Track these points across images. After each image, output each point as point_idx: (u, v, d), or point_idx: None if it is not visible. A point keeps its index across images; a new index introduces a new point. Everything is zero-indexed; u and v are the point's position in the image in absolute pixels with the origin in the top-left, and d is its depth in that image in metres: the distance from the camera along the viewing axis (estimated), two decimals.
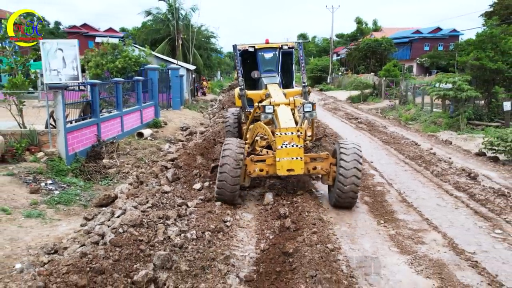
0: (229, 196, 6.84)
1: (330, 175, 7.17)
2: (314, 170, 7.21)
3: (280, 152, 6.81)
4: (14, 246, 5.93)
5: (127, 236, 5.07)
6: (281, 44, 10.33)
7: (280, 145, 6.83)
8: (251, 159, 7.08)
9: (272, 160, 6.98)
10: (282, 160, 6.81)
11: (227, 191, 6.75)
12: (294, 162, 6.80)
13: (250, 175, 7.10)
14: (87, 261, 4.27)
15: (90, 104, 11.86)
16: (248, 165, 7.03)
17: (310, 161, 7.19)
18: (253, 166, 7.05)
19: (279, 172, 6.85)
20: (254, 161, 7.09)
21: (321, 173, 7.27)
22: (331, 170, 7.16)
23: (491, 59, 16.67)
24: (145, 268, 4.51)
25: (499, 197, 7.81)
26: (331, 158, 7.22)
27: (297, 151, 6.83)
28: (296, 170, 6.82)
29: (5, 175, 8.30)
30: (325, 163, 7.22)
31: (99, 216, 6.28)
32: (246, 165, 6.98)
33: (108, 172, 10.32)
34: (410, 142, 13.46)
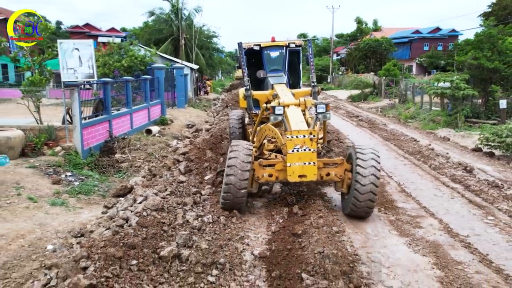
0: (236, 203, 6.37)
1: (345, 182, 6.60)
2: (327, 176, 6.63)
3: (291, 156, 6.26)
4: (43, 230, 6.44)
5: (151, 219, 5.57)
6: (288, 42, 9.87)
7: (291, 149, 6.27)
8: (260, 164, 6.59)
9: (282, 165, 6.47)
10: (294, 165, 6.25)
11: (233, 198, 6.26)
12: (307, 167, 6.24)
13: (258, 180, 6.57)
14: (119, 237, 4.78)
15: (102, 101, 12.36)
16: (256, 170, 6.53)
17: (323, 166, 6.65)
18: (261, 171, 6.55)
19: (290, 179, 6.29)
20: (263, 165, 6.60)
21: (335, 180, 6.68)
22: (345, 177, 6.59)
23: (489, 58, 17.19)
24: (169, 246, 5.01)
25: (492, 188, 8.31)
26: (346, 164, 6.65)
27: (310, 155, 6.28)
28: (309, 176, 6.27)
29: (28, 168, 8.81)
30: (339, 169, 6.64)
31: (123, 203, 6.79)
32: (254, 170, 6.48)
33: (121, 166, 10.82)
34: (409, 139, 13.97)
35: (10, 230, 6.21)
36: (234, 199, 6.26)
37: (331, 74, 51.92)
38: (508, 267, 5.02)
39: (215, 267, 4.75)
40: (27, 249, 5.79)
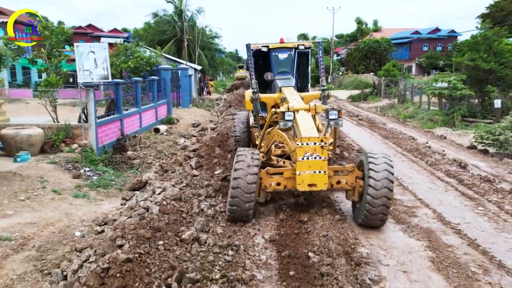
0: (243, 216, 6.12)
1: (356, 190, 6.34)
2: (338, 184, 6.34)
3: (300, 164, 5.94)
4: (69, 219, 7.02)
5: (171, 207, 6.17)
6: (297, 44, 9.56)
7: (301, 156, 5.94)
8: (267, 172, 6.27)
9: (291, 173, 6.19)
10: (303, 173, 5.93)
11: (240, 211, 6.02)
12: (317, 176, 5.93)
13: (265, 189, 6.28)
14: (146, 222, 5.37)
15: (113, 101, 12.95)
16: (264, 178, 6.23)
17: (333, 174, 6.40)
18: (269, 179, 6.25)
19: (299, 187, 5.99)
20: (270, 174, 6.30)
21: (346, 188, 6.40)
22: (357, 185, 6.32)
23: (485, 59, 17.79)
24: (189, 230, 5.59)
25: (484, 182, 8.89)
26: (357, 171, 6.39)
27: (320, 164, 5.94)
28: (319, 185, 5.97)
29: (49, 163, 9.40)
30: (350, 177, 6.37)
31: (142, 194, 7.38)
32: (261, 178, 6.19)
33: (133, 162, 11.40)
34: (407, 137, 14.55)
35: (40, 219, 6.80)
36: (241, 211, 6.02)
37: (331, 74, 52.49)
38: (493, 249, 5.59)
39: (230, 248, 5.33)
40: (58, 235, 6.37)
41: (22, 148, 9.62)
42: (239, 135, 9.73)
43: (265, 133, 8.00)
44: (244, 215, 6.09)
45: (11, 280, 5.14)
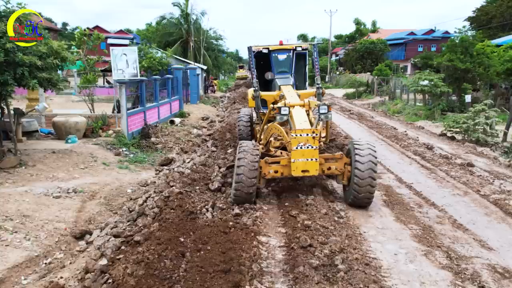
0: (246, 198, 6.83)
1: (345, 175, 7.15)
2: (328, 170, 7.19)
3: (295, 153, 6.75)
4: (120, 182, 9.30)
5: (200, 169, 8.47)
6: (295, 45, 10.30)
7: (295, 146, 6.77)
8: (266, 161, 7.04)
9: (287, 161, 6.97)
10: (297, 161, 6.75)
11: (244, 194, 6.74)
12: (309, 163, 6.77)
13: (265, 176, 7.06)
14: (185, 175, 7.64)
15: (138, 96, 15.21)
16: (263, 167, 6.99)
17: (324, 161, 7.20)
18: (267, 168, 7.03)
19: (294, 173, 6.81)
20: (269, 163, 7.08)
21: (336, 173, 7.25)
22: (345, 170, 7.12)
23: (461, 60, 20.03)
24: (213, 184, 7.85)
25: (442, 158, 11.16)
26: (345, 158, 7.20)
27: (312, 152, 6.77)
28: (311, 171, 6.79)
29: (93, 144, 11.67)
30: (339, 163, 7.19)
31: (175, 164, 9.66)
32: (260, 167, 6.94)
33: (157, 147, 13.65)
34: (389, 127, 16.82)
35: (99, 181, 9.07)
36: (244, 195, 6.73)
37: (329, 74, 54.74)
38: (431, 197, 7.82)
39: None
40: (115, 191, 8.65)
41: (70, 133, 11.87)
42: (242, 129, 10.82)
43: (265, 127, 8.84)
44: (247, 198, 6.81)
45: (92, 214, 7.42)
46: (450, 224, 6.48)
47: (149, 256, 4.73)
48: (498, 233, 6.14)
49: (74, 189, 8.18)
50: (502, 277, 4.81)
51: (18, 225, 6.41)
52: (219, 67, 46.07)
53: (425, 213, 6.96)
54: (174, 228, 5.63)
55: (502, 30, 33.67)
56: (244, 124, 10.84)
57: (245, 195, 6.74)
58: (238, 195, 6.76)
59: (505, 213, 6.97)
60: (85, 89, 13.56)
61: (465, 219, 6.68)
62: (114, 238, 5.90)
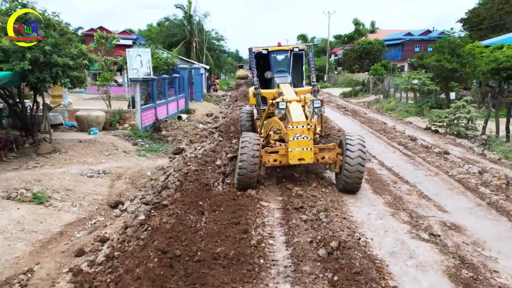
0: (248, 183, 7.54)
1: (337, 164, 7.88)
2: (322, 159, 7.92)
3: (292, 143, 7.47)
4: (140, 166, 10.73)
5: (210, 153, 9.91)
6: (292, 46, 10.89)
7: (292, 137, 7.47)
8: (266, 151, 7.77)
9: (285, 151, 7.63)
10: (294, 150, 7.47)
11: (246, 179, 7.43)
12: (305, 152, 7.47)
13: (265, 165, 7.77)
14: (198, 158, 9.08)
15: (149, 93, 16.64)
16: (263, 156, 7.69)
17: (319, 151, 7.88)
18: (267, 156, 7.73)
19: (291, 161, 7.51)
20: (269, 152, 7.80)
21: (329, 162, 7.98)
22: (337, 159, 7.86)
23: (449, 60, 21.47)
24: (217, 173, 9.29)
25: (422, 148, 12.59)
26: (337, 149, 7.91)
27: (307, 142, 7.48)
28: (306, 159, 7.51)
29: (112, 136, 13.10)
30: (332, 153, 7.92)
31: (189, 150, 11.10)
32: (261, 156, 7.61)
33: (167, 139, 15.09)
34: (380, 122, 18.26)
35: (122, 165, 10.50)
36: (247, 180, 7.47)
37: (327, 73, 56.17)
38: (406, 177, 9.23)
39: None
40: (137, 173, 10.08)
41: (91, 126, 13.30)
42: (244, 124, 11.73)
43: (265, 122, 9.67)
44: (249, 183, 7.57)
45: (121, 190, 8.85)
46: (417, 195, 7.92)
47: (177, 211, 6.17)
48: (455, 202, 7.58)
49: (103, 171, 9.62)
50: (448, 229, 6.24)
51: (64, 196, 7.85)
52: (220, 67, 47.53)
53: (398, 188, 8.40)
54: (194, 195, 7.08)
55: (493, 32, 35.12)
56: (246, 119, 11.82)
57: (247, 180, 7.49)
58: (241, 180, 7.51)
59: (465, 188, 8.40)
60: (103, 87, 15.00)
61: (430, 192, 8.12)
62: (145, 205, 7.34)
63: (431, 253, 5.34)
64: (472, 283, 4.59)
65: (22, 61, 9.08)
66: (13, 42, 9.12)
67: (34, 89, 10.52)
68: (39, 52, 9.35)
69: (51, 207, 7.30)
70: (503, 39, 27.92)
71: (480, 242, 5.77)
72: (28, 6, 10.22)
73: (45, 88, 10.08)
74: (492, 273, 4.87)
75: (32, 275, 5.25)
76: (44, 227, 6.52)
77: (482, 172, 9.44)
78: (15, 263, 5.43)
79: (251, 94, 10.78)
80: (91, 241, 6.33)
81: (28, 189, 7.74)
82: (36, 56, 9.27)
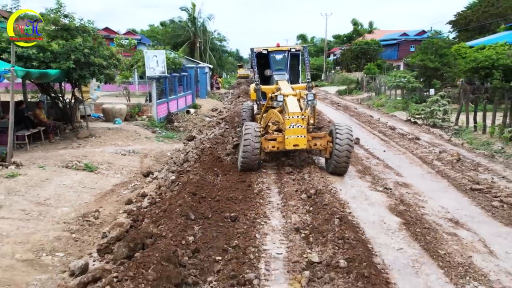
0: (251, 166, 8.69)
1: (327, 150, 8.97)
2: (314, 146, 8.98)
3: (288, 131, 8.47)
4: (160, 149, 12.93)
5: (219, 138, 12.14)
6: (289, 47, 11.86)
7: (288, 126, 8.45)
8: (265, 138, 8.89)
9: (282, 138, 8.68)
10: (290, 137, 8.48)
11: (249, 162, 8.55)
12: (299, 139, 8.50)
13: (265, 150, 8.88)
14: (211, 139, 11.30)
15: (162, 90, 18.85)
16: (263, 143, 8.77)
17: (311, 139, 8.91)
18: (267, 143, 8.83)
19: (287, 147, 8.57)
20: (268, 139, 8.88)
21: (320, 148, 9.07)
22: (328, 146, 8.92)
23: (432, 60, 23.64)
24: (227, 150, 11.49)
25: (398, 135, 14.80)
26: (328, 137, 8.99)
27: (302, 130, 8.47)
28: (301, 145, 8.53)
29: (134, 125, 15.31)
30: (323, 141, 8.95)
31: (200, 135, 13.32)
32: (261, 143, 8.69)
33: (179, 129, 17.30)
34: (367, 115, 20.47)
35: (146, 148, 12.70)
36: (250, 163, 8.64)
37: (325, 72, 58.34)
38: (378, 155, 11.44)
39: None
40: (159, 154, 12.29)
41: (115, 117, 15.51)
42: (245, 117, 13.00)
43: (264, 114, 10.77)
44: (252, 165, 8.78)
45: (149, 165, 11.05)
46: (383, 166, 10.14)
47: (200, 172, 8.39)
48: (411, 171, 9.78)
49: (133, 151, 11.84)
50: (399, 185, 8.45)
51: (107, 167, 10.06)
52: (222, 66, 49.74)
53: (369, 161, 10.61)
54: (210, 164, 9.29)
55: (480, 33, 37.30)
56: (247, 113, 13.17)
57: (250, 162, 8.67)
58: (245, 162, 8.67)
59: (423, 162, 10.60)
60: (123, 84, 17.21)
61: (394, 164, 10.33)
62: (171, 173, 9.54)
63: (381, 197, 7.55)
64: (404, 212, 6.79)
65: (68, 61, 11.27)
66: (61, 45, 11.31)
67: (73, 85, 12.71)
68: (80, 54, 11.54)
69: (99, 174, 9.53)
70: (485, 41, 30.09)
71: (419, 193, 7.98)
72: (69, 17, 12.41)
73: (85, 83, 12.27)
74: (419, 208, 7.08)
75: (99, 213, 7.45)
76: (99, 186, 8.74)
77: (442, 152, 11.66)
78: (86, 206, 7.64)
79: (252, 89, 11.89)
80: (135, 196, 8.53)
81: (79, 161, 9.95)
82: (78, 57, 11.47)
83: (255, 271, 4.71)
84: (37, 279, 5.17)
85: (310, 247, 5.32)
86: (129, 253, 5.02)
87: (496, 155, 11.43)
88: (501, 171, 9.66)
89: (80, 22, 12.54)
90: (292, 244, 5.45)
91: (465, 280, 4.65)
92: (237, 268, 4.72)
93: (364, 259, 4.70)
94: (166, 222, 5.81)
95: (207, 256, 5.02)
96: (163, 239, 5.16)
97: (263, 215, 6.55)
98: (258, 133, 8.69)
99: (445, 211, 6.93)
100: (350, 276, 4.41)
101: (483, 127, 14.82)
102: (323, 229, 5.72)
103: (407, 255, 5.23)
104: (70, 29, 12.13)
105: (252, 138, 8.52)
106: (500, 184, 8.53)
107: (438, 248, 5.44)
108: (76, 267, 5.25)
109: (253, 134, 8.55)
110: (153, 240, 5.20)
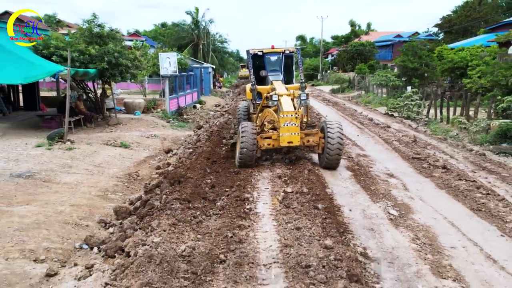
0: (249, 161, 9.04)
1: (320, 146, 9.37)
2: (307, 142, 9.33)
3: (282, 129, 8.80)
4: (175, 135, 15.78)
5: (224, 125, 14.99)
6: (284, 49, 12.11)
7: (283, 124, 8.78)
8: (261, 136, 9.16)
9: (276, 136, 9.00)
10: (284, 135, 8.81)
11: (247, 158, 8.91)
12: (293, 136, 8.84)
13: (260, 148, 9.14)
14: (220, 124, 14.16)
15: (173, 87, 21.70)
16: (259, 140, 9.05)
17: (304, 136, 9.25)
18: (262, 141, 9.12)
19: (282, 144, 8.89)
20: (263, 137, 9.17)
21: (313, 145, 9.47)
22: (320, 142, 9.30)
23: (411, 61, 26.48)
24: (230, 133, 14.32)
25: (373, 124, 17.62)
26: (320, 133, 9.37)
27: (295, 128, 8.81)
28: (294, 142, 8.87)
29: (151, 116, 18.16)
30: (315, 137, 9.33)
31: (206, 125, 16.20)
32: (257, 140, 8.96)
33: (188, 120, 20.14)
34: (352, 110, 23.32)
35: (164, 133, 15.53)
36: (247, 158, 8.98)
37: (321, 72, 61.21)
38: (352, 137, 14.25)
39: None
40: (175, 137, 15.13)
41: (135, 109, 18.35)
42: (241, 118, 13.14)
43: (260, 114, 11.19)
44: (249, 161, 9.13)
45: (168, 146, 13.87)
46: (352, 145, 12.97)
47: (211, 146, 11.24)
48: (373, 147, 12.60)
49: (154, 135, 14.68)
50: (360, 156, 11.28)
51: (137, 145, 12.90)
52: (223, 67, 52.67)
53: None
54: (217, 142, 12.14)
55: (463, 36, 40.16)
56: (243, 112, 13.40)
57: (248, 158, 9.04)
58: (243, 158, 9.06)
59: (385, 142, 13.42)
60: (140, 82, 20.06)
61: (362, 143, 13.16)
62: (188, 149, 12.37)
63: (343, 162, 10.36)
64: (356, 170, 9.61)
65: (102, 62, 14.11)
66: (96, 49, 14.14)
67: (105, 82, 15.54)
68: (111, 56, 14.38)
69: (132, 149, 12.38)
70: (465, 43, 32.97)
71: (373, 160, 10.82)
72: (101, 26, 15.24)
73: (115, 81, 15.10)
74: (369, 168, 9.91)
75: (138, 174, 10.28)
76: (134, 157, 11.60)
77: (404, 136, 14.49)
78: (128, 169, 10.48)
79: (248, 89, 12.28)
80: (162, 165, 11.36)
81: (116, 141, 12.79)
82: (110, 59, 14.31)
83: (251, 195, 7.54)
84: (108, 206, 8.01)
85: (286, 185, 8.14)
86: (170, 187, 7.86)
87: (449, 139, 14.26)
88: (443, 148, 12.50)
89: (108, 31, 15.37)
90: (275, 183, 8.28)
91: (381, 200, 7.49)
92: (239, 194, 7.54)
93: (319, 188, 7.52)
94: (191, 172, 8.65)
95: (220, 189, 7.86)
96: (191, 180, 8.00)
97: (257, 170, 9.36)
98: (255, 131, 9.17)
99: (387, 170, 9.78)
100: (308, 195, 7.23)
101: (447, 118, 17.67)
102: (296, 175, 8.54)
103: (349, 190, 8.07)
104: (103, 36, 14.96)
105: (249, 134, 8.97)
106: (437, 156, 11.35)
107: (371, 186, 8.29)
108: (134, 198, 8.09)
109: (249, 133, 8.99)
110: (184, 179, 8.04)
